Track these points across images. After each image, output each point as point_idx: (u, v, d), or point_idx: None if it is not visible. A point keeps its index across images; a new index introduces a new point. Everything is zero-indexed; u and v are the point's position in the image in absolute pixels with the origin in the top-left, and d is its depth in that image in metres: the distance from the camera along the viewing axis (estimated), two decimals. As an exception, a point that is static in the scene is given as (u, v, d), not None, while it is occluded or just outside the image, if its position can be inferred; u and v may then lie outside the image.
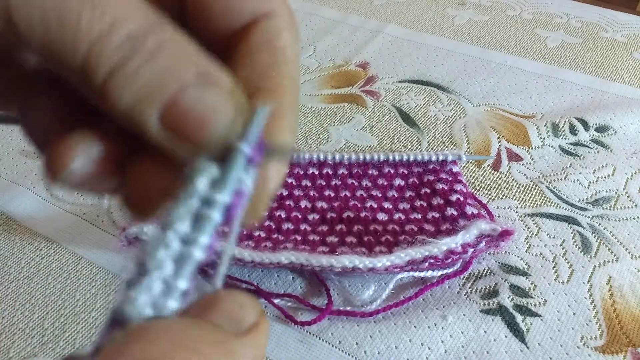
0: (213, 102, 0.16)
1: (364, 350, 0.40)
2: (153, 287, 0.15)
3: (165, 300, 0.15)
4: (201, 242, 0.15)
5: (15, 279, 0.45)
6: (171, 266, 0.15)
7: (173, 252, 0.15)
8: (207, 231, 0.16)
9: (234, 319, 0.15)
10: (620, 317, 0.42)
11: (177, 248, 0.15)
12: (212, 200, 0.16)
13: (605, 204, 0.51)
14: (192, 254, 0.15)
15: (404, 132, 0.60)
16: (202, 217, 0.16)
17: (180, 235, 0.15)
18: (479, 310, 0.43)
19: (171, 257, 0.15)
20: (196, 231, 0.16)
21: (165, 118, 0.16)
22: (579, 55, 0.73)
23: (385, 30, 0.77)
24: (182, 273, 0.15)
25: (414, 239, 0.44)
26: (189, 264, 0.15)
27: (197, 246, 0.15)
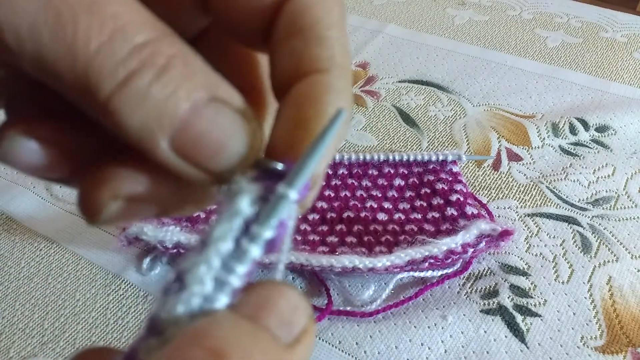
0: (227, 126, 0.15)
1: (364, 350, 0.40)
2: (192, 302, 0.14)
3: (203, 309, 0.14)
4: (239, 271, 0.15)
5: (15, 279, 0.45)
6: (211, 285, 0.15)
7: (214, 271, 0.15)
8: (245, 263, 0.15)
9: (288, 323, 0.15)
10: (620, 317, 0.42)
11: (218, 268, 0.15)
12: (253, 234, 0.15)
13: (605, 204, 0.51)
14: (229, 281, 0.15)
15: (404, 132, 0.60)
16: (242, 250, 0.15)
17: (222, 257, 0.15)
18: (479, 310, 0.42)
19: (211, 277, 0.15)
20: (236, 260, 0.15)
21: (177, 143, 0.14)
22: (579, 55, 0.73)
23: (385, 30, 0.77)
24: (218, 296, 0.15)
25: (414, 239, 0.44)
26: (226, 290, 0.15)
27: (235, 274, 0.15)
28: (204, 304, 0.14)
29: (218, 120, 0.15)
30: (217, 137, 0.15)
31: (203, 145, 0.15)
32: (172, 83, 0.14)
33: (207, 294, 0.14)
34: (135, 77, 0.14)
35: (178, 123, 0.14)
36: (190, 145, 0.15)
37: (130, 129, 0.14)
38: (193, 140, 0.15)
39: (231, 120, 0.15)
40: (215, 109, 0.15)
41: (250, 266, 0.15)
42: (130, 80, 0.14)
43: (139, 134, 0.14)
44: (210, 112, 0.15)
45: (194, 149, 0.15)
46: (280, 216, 0.15)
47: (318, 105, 0.16)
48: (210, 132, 0.15)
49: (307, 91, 0.17)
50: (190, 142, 0.15)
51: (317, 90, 0.17)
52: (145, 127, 0.14)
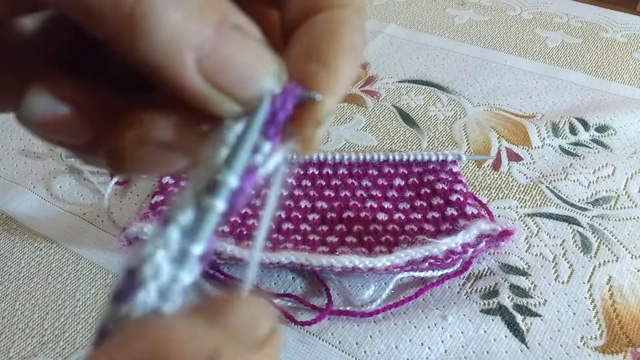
0: (256, 51, 0.14)
1: (364, 350, 0.40)
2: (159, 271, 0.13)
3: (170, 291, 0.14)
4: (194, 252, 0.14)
5: (15, 279, 0.45)
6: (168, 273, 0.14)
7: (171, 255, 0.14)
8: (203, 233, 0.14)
9: (249, 327, 0.14)
10: (620, 317, 0.42)
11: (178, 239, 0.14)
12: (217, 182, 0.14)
13: (605, 204, 0.51)
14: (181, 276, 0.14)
15: (404, 132, 0.60)
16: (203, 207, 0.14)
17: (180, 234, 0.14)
18: (479, 310, 0.42)
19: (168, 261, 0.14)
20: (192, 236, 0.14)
21: (205, 66, 0.14)
22: (579, 55, 0.73)
23: (385, 30, 0.77)
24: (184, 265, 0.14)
25: (414, 239, 0.44)
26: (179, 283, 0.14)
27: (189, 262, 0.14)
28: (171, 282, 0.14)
29: (246, 45, 0.14)
30: (246, 61, 0.14)
31: (232, 69, 0.14)
32: (195, 6, 0.13)
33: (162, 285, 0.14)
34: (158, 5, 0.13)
35: (205, 43, 0.13)
36: (219, 69, 0.14)
37: (155, 49, 0.13)
38: (221, 63, 0.14)
39: (258, 47, 0.14)
40: (241, 37, 0.14)
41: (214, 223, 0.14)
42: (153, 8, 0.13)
43: (165, 55, 0.13)
44: (237, 35, 0.14)
45: (222, 72, 0.14)
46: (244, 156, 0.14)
47: (334, 37, 0.16)
48: (239, 56, 0.14)
49: (323, 24, 0.16)
50: (219, 65, 0.14)
51: (333, 23, 0.16)
52: (171, 46, 0.13)
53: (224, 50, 0.14)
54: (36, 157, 0.56)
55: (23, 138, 0.58)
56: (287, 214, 0.47)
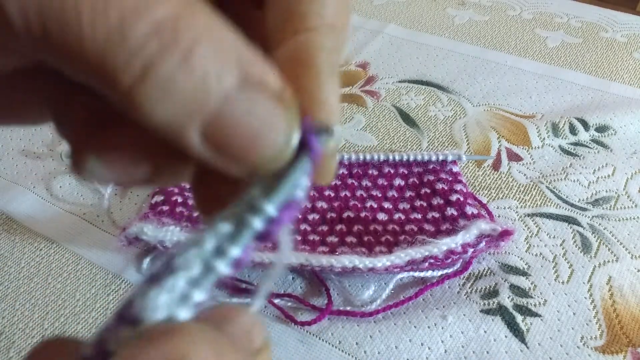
0: (264, 114, 0.13)
1: (364, 350, 0.40)
2: (176, 288, 0.14)
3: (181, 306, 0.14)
4: (231, 254, 0.14)
5: (15, 279, 0.45)
6: (199, 268, 0.14)
7: (205, 254, 0.14)
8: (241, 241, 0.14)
9: (245, 336, 0.14)
10: (620, 317, 0.42)
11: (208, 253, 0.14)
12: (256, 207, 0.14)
13: (605, 204, 0.51)
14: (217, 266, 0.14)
15: (404, 132, 0.60)
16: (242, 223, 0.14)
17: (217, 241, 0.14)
18: (479, 310, 0.43)
19: (201, 258, 0.14)
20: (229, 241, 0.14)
21: (209, 136, 0.13)
22: (579, 55, 0.73)
23: (385, 30, 0.77)
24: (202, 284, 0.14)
25: (414, 239, 0.44)
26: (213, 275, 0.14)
27: (225, 258, 0.14)
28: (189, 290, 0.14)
29: (253, 108, 0.13)
30: (252, 128, 0.13)
31: (237, 136, 0.13)
32: (199, 69, 0.12)
33: (193, 277, 0.14)
34: (156, 65, 0.12)
35: (209, 114, 0.13)
36: (224, 137, 0.13)
37: (158, 123, 0.13)
38: (226, 131, 0.13)
39: (267, 107, 0.13)
40: (250, 95, 0.13)
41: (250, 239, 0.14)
42: (151, 70, 0.12)
43: (167, 128, 0.13)
44: (244, 99, 0.13)
45: (227, 140, 0.13)
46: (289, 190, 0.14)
47: (306, 65, 0.15)
48: (244, 123, 0.13)
49: (294, 50, 0.15)
50: (224, 134, 0.13)
51: (304, 49, 0.15)
52: (173, 121, 0.13)
53: (229, 118, 0.13)
54: (36, 157, 0.56)
55: (23, 138, 0.58)
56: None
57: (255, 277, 0.45)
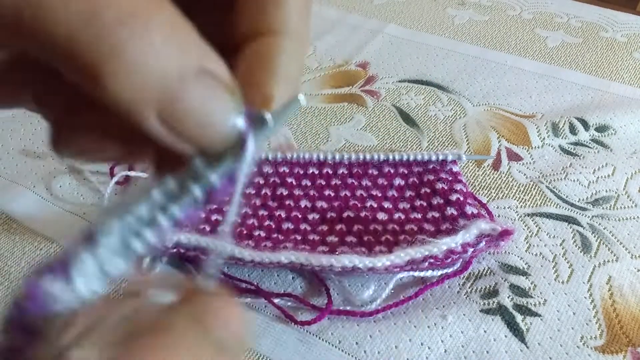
0: (215, 101, 0.15)
1: (363, 350, 0.40)
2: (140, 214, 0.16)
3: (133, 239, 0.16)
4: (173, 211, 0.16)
5: (15, 278, 0.45)
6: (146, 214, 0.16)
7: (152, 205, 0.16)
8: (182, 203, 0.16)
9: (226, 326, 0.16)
10: (620, 316, 0.42)
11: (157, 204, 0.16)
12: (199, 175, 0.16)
13: (605, 204, 0.51)
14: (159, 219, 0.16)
15: (404, 132, 0.60)
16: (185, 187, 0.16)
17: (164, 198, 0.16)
18: (479, 310, 0.43)
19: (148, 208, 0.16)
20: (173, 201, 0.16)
21: (165, 116, 0.15)
22: (579, 55, 0.73)
23: (385, 30, 0.77)
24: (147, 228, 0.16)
25: (414, 239, 0.44)
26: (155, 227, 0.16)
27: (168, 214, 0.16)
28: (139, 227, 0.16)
29: (205, 95, 0.15)
30: (204, 111, 0.15)
31: (190, 119, 0.15)
32: (160, 55, 0.14)
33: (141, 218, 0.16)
34: (124, 48, 0.13)
35: (167, 97, 0.14)
36: (178, 119, 0.15)
37: (121, 103, 0.14)
38: (180, 114, 0.15)
39: (218, 95, 0.15)
40: (204, 83, 0.15)
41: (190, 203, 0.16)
42: (120, 51, 0.13)
43: (129, 108, 0.14)
44: (199, 86, 0.15)
45: (180, 122, 0.15)
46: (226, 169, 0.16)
47: (267, 68, 0.17)
48: (197, 107, 0.15)
49: (258, 53, 0.17)
50: (178, 116, 0.15)
51: (267, 52, 0.17)
52: (135, 102, 0.14)
53: (184, 102, 0.15)
54: (36, 157, 0.56)
55: (23, 138, 0.58)
56: (287, 214, 0.47)
57: (256, 277, 0.45)
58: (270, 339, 0.41)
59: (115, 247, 0.16)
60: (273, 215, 0.47)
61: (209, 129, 0.15)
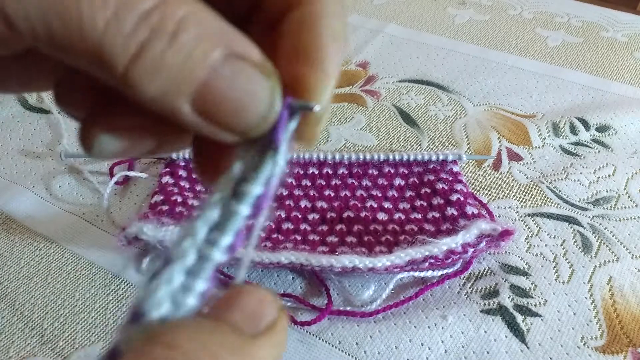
0: (248, 84, 0.15)
1: (363, 350, 0.40)
2: (174, 279, 0.14)
3: (184, 296, 0.15)
4: (223, 242, 0.15)
5: (14, 278, 0.45)
6: (194, 257, 0.15)
7: (198, 243, 0.15)
8: (231, 228, 0.15)
9: (253, 316, 0.15)
10: (620, 317, 0.42)
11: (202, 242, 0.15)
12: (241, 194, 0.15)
13: (605, 204, 0.51)
14: (212, 255, 0.15)
15: (404, 132, 0.60)
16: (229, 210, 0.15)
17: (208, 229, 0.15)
18: (479, 310, 0.42)
19: (196, 248, 0.15)
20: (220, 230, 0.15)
21: (198, 105, 0.15)
22: (579, 54, 0.72)
23: (385, 30, 0.77)
24: (202, 272, 0.15)
25: (414, 239, 0.44)
26: (210, 264, 0.15)
27: (218, 247, 0.15)
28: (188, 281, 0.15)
29: (237, 79, 0.15)
30: (237, 96, 0.15)
31: (224, 105, 0.15)
32: (185, 47, 0.14)
33: (189, 266, 0.15)
34: (147, 47, 0.14)
35: (197, 86, 0.14)
36: (212, 106, 0.15)
37: (151, 98, 0.14)
38: (214, 101, 0.15)
39: (250, 78, 0.15)
40: (233, 67, 0.15)
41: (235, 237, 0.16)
42: (143, 51, 0.14)
43: (160, 102, 0.14)
44: (228, 71, 0.15)
45: (215, 109, 0.15)
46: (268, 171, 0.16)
47: (316, 30, 0.16)
48: (230, 92, 0.15)
49: (302, 19, 0.17)
50: (211, 103, 0.15)
51: (312, 18, 0.17)
52: (165, 95, 0.14)
53: (216, 88, 0.15)
54: (35, 157, 0.56)
55: (22, 138, 0.58)
56: (287, 214, 0.47)
57: (255, 277, 0.45)
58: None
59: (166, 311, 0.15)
60: (273, 215, 0.47)
61: (245, 113, 0.15)
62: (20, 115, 0.61)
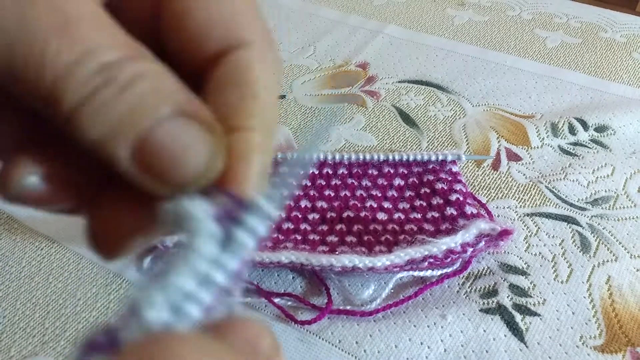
0: (188, 138, 0.15)
1: (363, 349, 0.40)
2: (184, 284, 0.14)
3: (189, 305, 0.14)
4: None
5: (16, 278, 0.45)
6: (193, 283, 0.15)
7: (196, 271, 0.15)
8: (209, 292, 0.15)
9: (251, 344, 0.15)
10: (619, 316, 0.43)
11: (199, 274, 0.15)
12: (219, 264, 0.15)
13: (604, 204, 0.51)
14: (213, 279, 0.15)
15: (403, 132, 0.60)
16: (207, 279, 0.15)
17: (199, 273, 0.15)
18: (479, 309, 0.43)
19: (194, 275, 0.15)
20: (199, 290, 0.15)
21: (137, 154, 0.15)
22: (578, 55, 0.73)
23: (385, 31, 0.77)
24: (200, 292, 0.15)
25: (413, 239, 0.45)
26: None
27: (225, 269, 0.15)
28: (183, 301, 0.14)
29: (180, 134, 0.15)
30: (177, 148, 0.15)
31: (162, 156, 0.15)
32: (135, 98, 0.14)
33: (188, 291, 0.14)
34: (98, 92, 0.14)
35: (139, 135, 0.15)
36: (150, 157, 0.15)
37: (92, 141, 0.15)
38: (153, 152, 0.15)
39: (194, 134, 0.15)
40: (179, 123, 0.15)
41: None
42: (94, 95, 0.14)
43: (100, 146, 0.15)
44: (173, 125, 0.15)
45: (153, 160, 0.15)
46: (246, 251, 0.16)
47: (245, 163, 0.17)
48: (171, 145, 0.15)
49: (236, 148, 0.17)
50: (150, 154, 0.15)
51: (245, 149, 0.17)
52: (106, 139, 0.15)
53: (160, 139, 0.15)
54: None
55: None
56: (287, 214, 0.48)
57: (255, 277, 0.45)
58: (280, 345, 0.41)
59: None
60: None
61: (183, 167, 0.15)
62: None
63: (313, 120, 0.62)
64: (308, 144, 0.17)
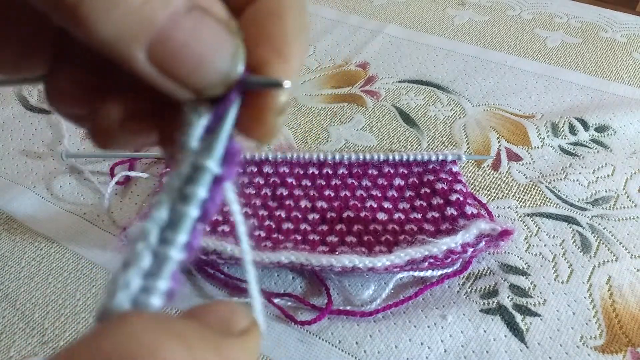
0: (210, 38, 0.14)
1: (363, 350, 0.40)
2: (131, 282, 0.14)
3: (147, 297, 0.14)
4: (178, 240, 0.15)
5: (15, 278, 0.45)
6: (150, 258, 0.14)
7: (152, 244, 0.14)
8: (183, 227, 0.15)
9: (224, 320, 0.15)
10: (619, 316, 0.43)
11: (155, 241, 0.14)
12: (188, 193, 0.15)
13: (604, 204, 0.51)
14: (169, 254, 0.14)
15: (403, 132, 0.60)
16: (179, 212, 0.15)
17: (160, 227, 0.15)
18: (479, 309, 0.43)
19: (150, 249, 0.14)
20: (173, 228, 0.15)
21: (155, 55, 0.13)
22: (578, 55, 0.73)
23: (385, 30, 0.77)
24: (161, 273, 0.14)
25: (413, 239, 0.45)
26: (168, 264, 0.14)
27: (175, 245, 0.14)
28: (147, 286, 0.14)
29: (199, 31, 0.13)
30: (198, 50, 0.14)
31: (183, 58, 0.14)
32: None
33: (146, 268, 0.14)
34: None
35: (155, 33, 0.13)
36: (169, 58, 0.13)
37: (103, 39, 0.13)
38: (172, 52, 0.13)
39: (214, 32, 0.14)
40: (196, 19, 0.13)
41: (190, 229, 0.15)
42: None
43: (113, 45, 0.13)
44: (190, 21, 0.13)
45: (172, 62, 0.14)
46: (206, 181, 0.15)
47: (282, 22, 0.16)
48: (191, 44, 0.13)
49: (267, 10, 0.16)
50: (169, 55, 0.13)
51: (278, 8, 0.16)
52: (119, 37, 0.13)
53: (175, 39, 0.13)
54: (37, 157, 0.56)
55: (23, 138, 0.58)
56: (287, 214, 0.47)
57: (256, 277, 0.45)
58: (271, 339, 0.41)
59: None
60: (273, 215, 0.47)
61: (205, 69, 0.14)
62: (21, 115, 0.61)
63: (313, 120, 0.61)
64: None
